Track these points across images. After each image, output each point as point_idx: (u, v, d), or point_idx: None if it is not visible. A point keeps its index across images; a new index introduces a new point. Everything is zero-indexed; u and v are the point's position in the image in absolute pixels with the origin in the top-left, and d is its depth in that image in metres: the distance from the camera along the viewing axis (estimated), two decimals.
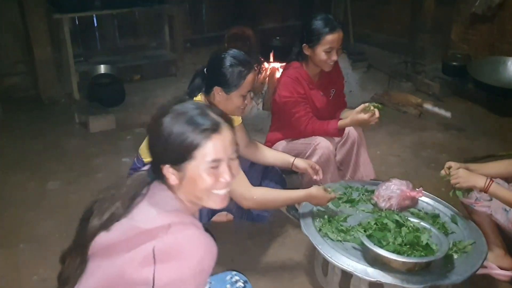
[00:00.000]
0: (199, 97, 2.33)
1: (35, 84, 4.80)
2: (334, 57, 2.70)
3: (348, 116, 2.78)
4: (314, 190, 2.24)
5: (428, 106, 4.34)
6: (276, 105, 2.85)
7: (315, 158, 2.66)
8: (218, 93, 2.25)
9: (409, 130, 4.21)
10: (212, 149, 1.25)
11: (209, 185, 1.27)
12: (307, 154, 2.70)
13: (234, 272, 1.69)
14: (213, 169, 1.27)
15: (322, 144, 2.68)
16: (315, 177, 2.50)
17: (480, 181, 2.16)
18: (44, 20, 4.55)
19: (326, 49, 2.65)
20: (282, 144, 2.89)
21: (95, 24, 5.25)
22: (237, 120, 2.59)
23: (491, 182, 2.13)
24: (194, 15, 5.77)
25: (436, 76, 5.04)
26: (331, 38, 2.64)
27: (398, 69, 5.38)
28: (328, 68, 2.76)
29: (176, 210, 1.24)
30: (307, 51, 2.72)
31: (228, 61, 2.22)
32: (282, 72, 2.88)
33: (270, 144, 2.95)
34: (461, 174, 2.21)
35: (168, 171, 1.27)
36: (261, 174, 2.72)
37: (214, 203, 1.32)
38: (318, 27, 2.64)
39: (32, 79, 4.83)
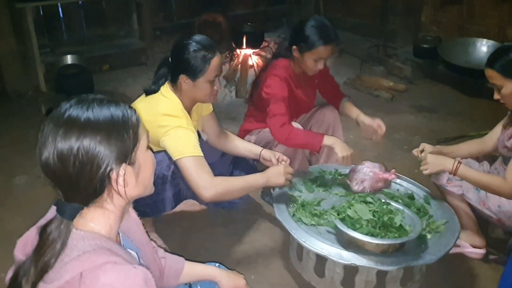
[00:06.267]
0: (166, 88, 2.26)
1: (0, 77, 4.63)
2: (321, 66, 2.60)
3: (350, 110, 2.80)
4: (270, 169, 2.20)
5: None
6: (257, 98, 2.76)
7: (282, 147, 2.63)
8: (184, 81, 2.18)
9: (381, 113, 4.20)
10: None
11: None
12: (275, 144, 2.67)
13: (217, 264, 1.66)
14: None
15: None
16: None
17: (448, 164, 2.19)
18: (6, 10, 4.37)
19: (316, 59, 2.56)
20: (254, 133, 2.86)
21: (61, 13, 5.09)
22: (208, 109, 2.53)
23: (459, 164, 2.16)
24: (163, 2, 5.66)
25: (407, 59, 5.05)
26: (323, 50, 2.53)
27: (370, 53, 5.39)
28: (311, 73, 2.68)
29: (88, 252, 1.02)
30: (295, 53, 2.61)
31: (191, 47, 2.14)
32: (270, 69, 2.71)
33: (245, 132, 2.90)
34: (430, 160, 2.24)
35: None
36: (232, 164, 2.68)
37: None
38: (313, 36, 2.51)
39: None
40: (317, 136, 2.54)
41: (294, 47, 2.60)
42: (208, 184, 2.02)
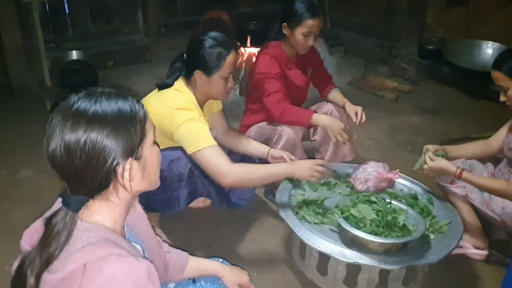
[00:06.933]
0: (180, 82, 2.28)
1: (5, 72, 4.63)
2: (311, 42, 2.70)
3: (338, 98, 2.88)
4: (298, 161, 2.24)
5: None
6: (252, 84, 2.82)
7: (280, 144, 2.64)
8: (199, 77, 2.21)
9: (385, 114, 4.22)
10: None
11: None
12: (273, 140, 2.69)
13: (220, 260, 1.66)
14: None
15: (286, 129, 2.66)
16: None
17: (450, 173, 2.21)
18: (13, 5, 4.39)
19: (305, 33, 2.65)
20: (254, 128, 2.87)
21: (67, 9, 5.10)
22: (217, 106, 2.55)
23: (461, 173, 2.16)
24: None
25: (412, 59, 5.05)
26: (311, 23, 2.63)
27: (374, 54, 5.39)
28: (303, 51, 2.77)
29: (92, 243, 1.02)
30: (286, 31, 2.71)
31: (207, 43, 2.18)
32: (260, 51, 2.84)
33: (245, 128, 2.92)
34: (433, 166, 2.25)
35: None
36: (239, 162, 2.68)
37: None
38: (301, 10, 2.63)
39: (1, 66, 4.67)
40: (307, 112, 2.66)
41: (284, 24, 2.70)
42: (228, 171, 2.05)
